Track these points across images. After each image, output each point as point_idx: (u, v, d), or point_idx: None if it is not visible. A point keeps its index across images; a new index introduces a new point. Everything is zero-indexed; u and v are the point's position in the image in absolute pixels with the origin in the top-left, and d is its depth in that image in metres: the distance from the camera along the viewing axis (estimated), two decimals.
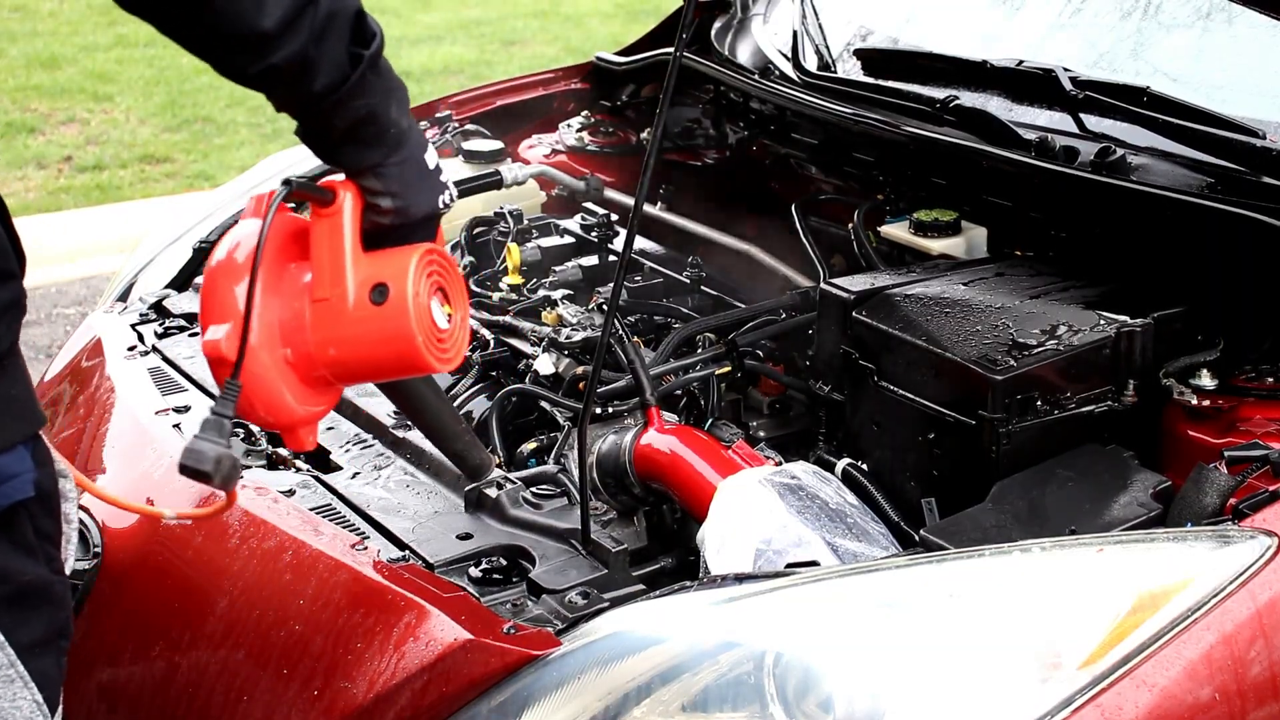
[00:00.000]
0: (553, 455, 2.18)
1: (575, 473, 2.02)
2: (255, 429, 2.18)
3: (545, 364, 2.30)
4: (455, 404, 2.30)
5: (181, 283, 2.69)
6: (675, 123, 3.16)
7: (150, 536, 1.99)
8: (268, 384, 1.54)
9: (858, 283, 2.19)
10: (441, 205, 1.60)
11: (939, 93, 2.49)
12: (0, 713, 1.47)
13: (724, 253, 2.77)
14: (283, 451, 2.13)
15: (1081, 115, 2.35)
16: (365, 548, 1.82)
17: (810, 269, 2.57)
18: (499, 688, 1.62)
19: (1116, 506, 1.86)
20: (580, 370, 2.29)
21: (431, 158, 1.59)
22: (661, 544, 2.07)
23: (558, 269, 2.61)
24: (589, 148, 3.21)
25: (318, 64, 1.47)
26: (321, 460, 2.11)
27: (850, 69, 2.77)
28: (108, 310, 2.65)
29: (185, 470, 1.49)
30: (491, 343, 2.38)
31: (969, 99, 2.47)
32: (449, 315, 1.60)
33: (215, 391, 2.20)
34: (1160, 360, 2.04)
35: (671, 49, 2.91)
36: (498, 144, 3.08)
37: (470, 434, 1.92)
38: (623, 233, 2.56)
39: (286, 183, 1.54)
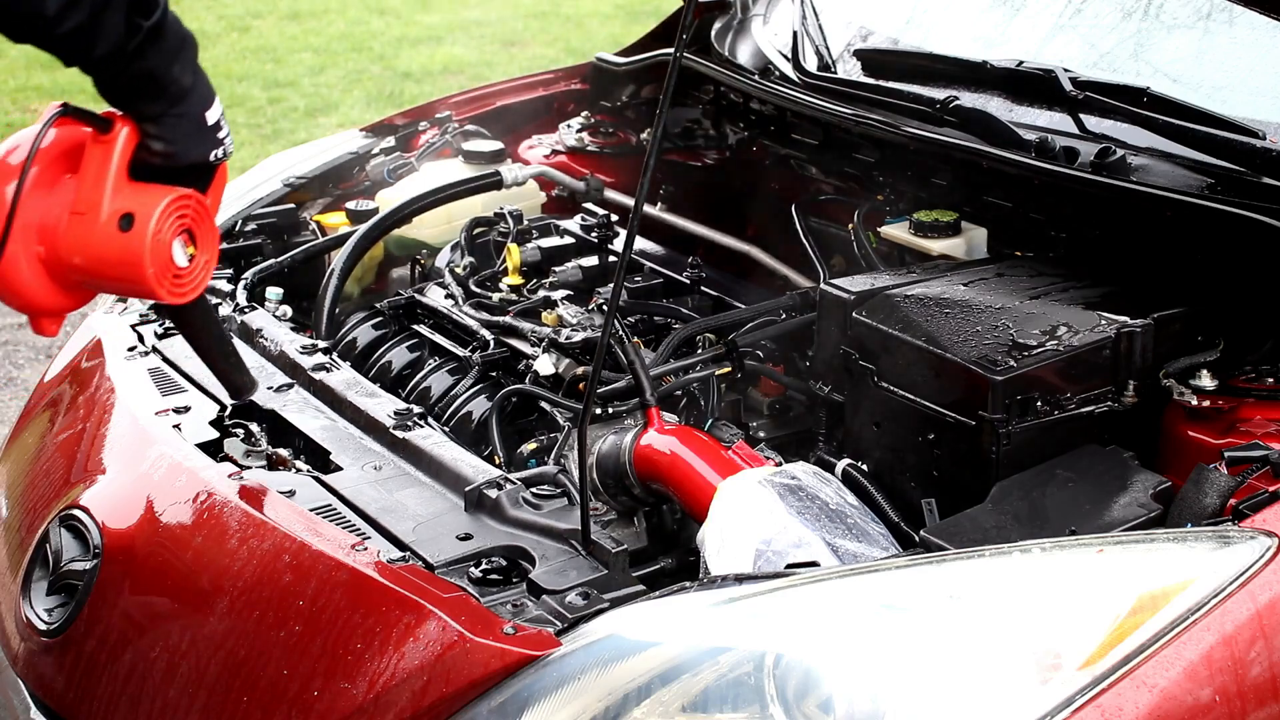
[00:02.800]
0: (553, 456, 2.18)
1: (575, 473, 2.02)
2: (256, 430, 2.18)
3: (545, 364, 2.30)
4: (455, 404, 2.31)
5: None
6: (675, 123, 3.16)
7: (150, 536, 1.99)
8: (15, 271, 1.71)
9: (858, 283, 2.19)
10: (213, 158, 1.76)
11: (939, 93, 2.49)
12: None
13: (724, 253, 2.77)
14: (283, 452, 2.13)
15: (1081, 116, 2.35)
16: (365, 548, 1.82)
17: (810, 269, 2.57)
18: (499, 688, 1.62)
19: (1116, 507, 1.86)
20: (580, 371, 2.29)
21: (213, 113, 1.76)
22: (661, 545, 2.07)
23: (558, 269, 2.61)
24: (589, 148, 3.22)
25: (96, 35, 1.61)
26: (321, 460, 2.11)
27: (850, 69, 2.77)
28: (108, 311, 2.64)
29: None
30: (491, 343, 2.39)
31: (969, 99, 2.47)
32: (191, 256, 1.76)
33: (216, 393, 2.22)
34: (1160, 361, 2.04)
35: (671, 49, 2.91)
36: (498, 144, 3.08)
37: (237, 356, 2.05)
38: (623, 233, 2.56)
39: (64, 106, 1.73)
